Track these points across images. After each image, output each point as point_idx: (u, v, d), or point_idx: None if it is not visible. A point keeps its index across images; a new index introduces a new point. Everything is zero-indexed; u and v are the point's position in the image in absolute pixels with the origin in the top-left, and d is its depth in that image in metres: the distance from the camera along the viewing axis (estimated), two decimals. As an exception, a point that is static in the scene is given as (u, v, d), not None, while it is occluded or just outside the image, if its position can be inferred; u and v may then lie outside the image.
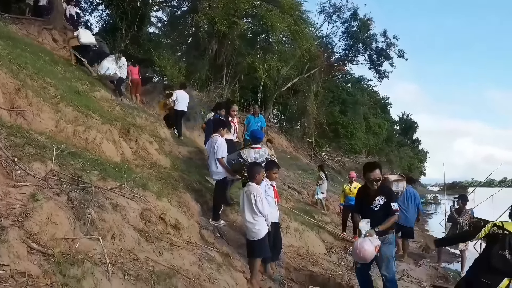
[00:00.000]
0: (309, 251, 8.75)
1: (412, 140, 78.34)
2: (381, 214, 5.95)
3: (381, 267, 5.99)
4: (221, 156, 7.53)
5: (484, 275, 4.90)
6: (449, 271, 10.36)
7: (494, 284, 4.80)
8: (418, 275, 9.45)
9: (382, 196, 5.97)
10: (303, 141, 34.88)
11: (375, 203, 5.97)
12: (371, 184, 5.97)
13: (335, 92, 40.29)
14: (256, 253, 6.00)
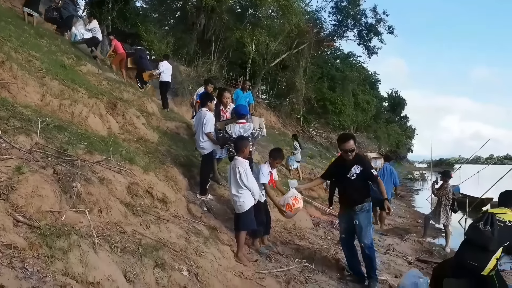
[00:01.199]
0: (296, 226, 8.82)
1: (400, 117, 78.67)
2: (358, 182, 6.13)
3: (360, 235, 6.13)
4: (210, 130, 7.52)
5: (471, 258, 4.93)
6: (433, 245, 10.52)
7: (481, 265, 4.81)
8: (404, 249, 9.59)
9: (358, 165, 6.14)
10: (291, 117, 34.88)
11: (351, 172, 6.12)
12: (346, 154, 6.13)
13: (324, 68, 40.23)
14: (241, 226, 6.06)
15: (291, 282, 5.54)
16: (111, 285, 3.49)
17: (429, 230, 11.73)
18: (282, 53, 31.60)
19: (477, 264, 4.79)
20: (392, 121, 69.30)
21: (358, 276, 6.41)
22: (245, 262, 5.89)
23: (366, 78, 51.04)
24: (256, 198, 6.19)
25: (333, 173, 6.67)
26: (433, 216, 10.96)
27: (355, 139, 6.33)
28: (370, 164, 6.44)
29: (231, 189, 6.13)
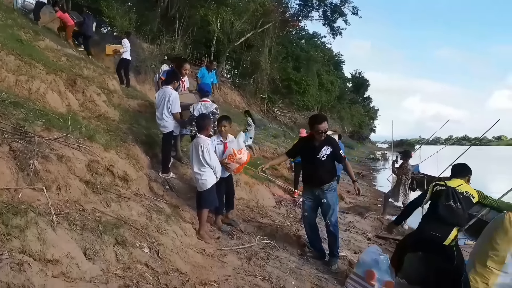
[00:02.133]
0: (259, 204, 8.90)
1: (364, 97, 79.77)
2: (327, 163, 6.24)
3: (327, 213, 6.24)
4: (178, 111, 7.46)
5: (433, 229, 5.09)
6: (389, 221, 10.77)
7: (443, 236, 4.99)
8: (364, 227, 9.80)
9: (328, 146, 6.24)
10: (256, 96, 34.87)
11: (322, 153, 6.20)
12: (319, 135, 6.18)
13: (289, 48, 40.23)
14: (203, 203, 6.07)
15: (253, 258, 5.59)
16: (70, 262, 3.47)
17: (388, 208, 11.99)
18: (247, 32, 31.42)
19: (440, 234, 4.98)
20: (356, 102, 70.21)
21: (319, 252, 6.54)
22: (207, 240, 5.92)
23: (331, 58, 51.39)
24: (218, 176, 6.21)
25: (301, 153, 6.72)
26: (392, 195, 11.20)
27: (328, 120, 6.43)
28: (337, 143, 6.54)
29: (193, 167, 6.11)
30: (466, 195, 5.03)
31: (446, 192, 5.05)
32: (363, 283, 5.37)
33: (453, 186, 5.11)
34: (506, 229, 5.12)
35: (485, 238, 5.39)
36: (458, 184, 5.14)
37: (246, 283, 4.64)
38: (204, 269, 4.89)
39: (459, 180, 5.23)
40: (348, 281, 5.50)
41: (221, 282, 4.50)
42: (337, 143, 6.58)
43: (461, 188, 5.09)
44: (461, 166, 5.50)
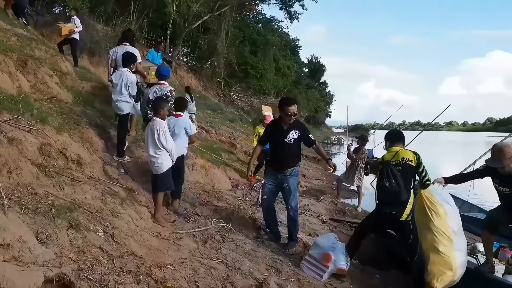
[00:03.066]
0: (215, 187, 8.92)
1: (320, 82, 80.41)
2: (294, 147, 6.28)
3: (288, 198, 6.31)
4: (135, 92, 7.37)
5: (389, 208, 5.28)
6: (346, 205, 11.02)
7: (399, 213, 5.22)
8: (318, 210, 9.98)
9: (296, 130, 6.26)
10: (212, 80, 34.65)
11: (289, 137, 6.22)
12: (288, 118, 6.18)
13: (246, 32, 40.08)
14: (159, 187, 6.05)
15: (208, 241, 5.63)
16: (22, 246, 3.41)
17: (342, 191, 12.24)
18: (204, 15, 31.02)
19: (396, 212, 5.18)
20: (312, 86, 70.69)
21: (275, 235, 6.63)
22: (163, 223, 5.91)
23: (287, 43, 51.55)
24: (174, 159, 6.19)
25: (269, 136, 6.64)
26: (346, 178, 11.40)
27: (298, 104, 6.45)
28: (306, 127, 6.58)
29: (148, 150, 6.06)
30: (403, 162, 5.26)
31: (382, 171, 5.25)
32: (318, 264, 5.50)
33: (388, 159, 5.29)
34: (423, 206, 5.24)
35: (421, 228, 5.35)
36: (395, 153, 5.35)
37: (201, 266, 4.67)
38: (160, 252, 4.89)
39: (397, 147, 5.44)
40: (303, 263, 5.62)
41: (177, 265, 4.51)
42: (306, 127, 6.61)
43: (397, 157, 5.32)
44: (397, 134, 5.73)
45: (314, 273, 5.46)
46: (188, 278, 4.26)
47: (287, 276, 5.17)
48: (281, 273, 5.23)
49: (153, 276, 4.03)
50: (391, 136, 5.78)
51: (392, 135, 5.81)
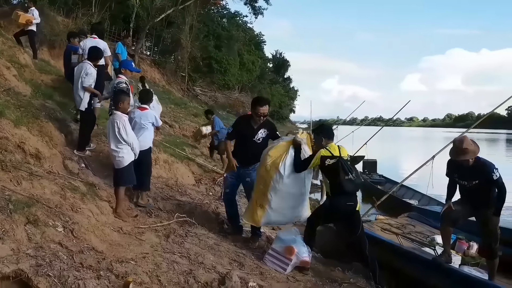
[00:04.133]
0: (178, 182, 8.86)
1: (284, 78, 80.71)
2: (261, 145, 6.28)
3: (251, 192, 6.29)
4: (89, 84, 7.23)
5: (347, 200, 5.40)
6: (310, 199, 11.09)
7: (355, 203, 5.38)
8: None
9: (265, 130, 6.30)
10: (176, 74, 34.27)
11: (258, 135, 6.27)
12: (258, 118, 6.21)
13: (210, 26, 39.76)
14: (120, 181, 5.99)
15: (171, 235, 5.59)
16: (-24, 242, 3.32)
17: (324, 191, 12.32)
18: (167, 8, 30.61)
19: (353, 203, 5.36)
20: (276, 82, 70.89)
21: (236, 228, 6.66)
22: (124, 218, 5.85)
23: (252, 38, 51.41)
24: (136, 153, 6.12)
25: (238, 132, 6.59)
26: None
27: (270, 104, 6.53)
28: (275, 126, 6.64)
29: (110, 144, 5.98)
30: (349, 158, 5.62)
31: (338, 166, 5.35)
32: (281, 257, 5.53)
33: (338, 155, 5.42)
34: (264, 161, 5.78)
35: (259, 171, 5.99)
36: (337, 148, 5.61)
37: (164, 260, 4.63)
38: (121, 247, 4.84)
39: (333, 144, 5.60)
40: (266, 256, 5.65)
41: (139, 260, 4.46)
42: (274, 125, 6.66)
43: (343, 153, 5.58)
44: (331, 129, 5.90)
45: (277, 266, 5.49)
46: (150, 272, 4.21)
47: (250, 270, 5.18)
48: (244, 266, 5.23)
49: (114, 271, 3.97)
50: (330, 132, 5.86)
51: (330, 131, 5.91)
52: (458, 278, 5.54)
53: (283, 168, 5.66)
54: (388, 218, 8.72)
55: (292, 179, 5.73)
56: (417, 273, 6.00)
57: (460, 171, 5.56)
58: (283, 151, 5.74)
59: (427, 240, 7.01)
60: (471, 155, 5.39)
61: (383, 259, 6.35)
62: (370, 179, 16.20)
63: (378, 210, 9.62)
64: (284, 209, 5.85)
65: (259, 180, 5.83)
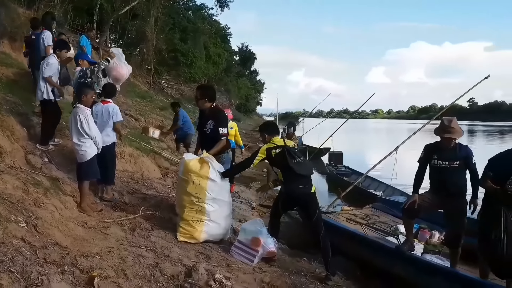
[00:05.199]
0: (144, 176, 8.79)
1: (251, 71, 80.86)
2: (210, 137, 6.27)
3: None
4: (49, 74, 7.09)
5: (301, 183, 5.46)
6: (276, 192, 11.16)
7: (310, 186, 5.45)
8: (248, 196, 10.10)
9: (212, 121, 6.25)
10: (141, 68, 33.83)
11: (207, 126, 6.26)
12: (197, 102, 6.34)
13: (176, 19, 39.42)
14: (83, 175, 5.92)
15: (137, 229, 5.56)
16: None
17: (272, 177, 12.38)
18: (132, 0, 30.23)
19: (307, 185, 5.47)
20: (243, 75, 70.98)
21: None
22: (89, 212, 5.79)
23: (218, 31, 51.21)
24: (99, 147, 6.05)
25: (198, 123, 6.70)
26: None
27: (201, 89, 6.49)
28: (224, 121, 6.49)
29: (72, 138, 5.91)
30: (295, 148, 5.73)
31: (284, 153, 5.46)
32: (248, 249, 5.57)
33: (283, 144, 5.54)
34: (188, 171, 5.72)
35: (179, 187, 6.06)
36: (282, 140, 5.71)
37: (129, 254, 4.61)
38: (86, 241, 4.79)
39: (275, 138, 5.71)
40: (233, 249, 5.68)
41: (104, 254, 4.43)
42: (223, 118, 6.52)
43: (289, 144, 5.68)
44: (272, 126, 6.12)
45: (244, 258, 5.52)
46: (115, 267, 4.19)
47: (217, 262, 5.20)
48: (210, 259, 5.25)
49: (79, 266, 3.94)
50: (271, 128, 6.01)
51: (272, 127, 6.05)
52: (420, 266, 5.69)
53: (214, 174, 5.72)
54: (354, 208, 8.87)
55: (222, 186, 5.85)
56: (381, 262, 6.13)
57: (441, 152, 5.60)
58: (202, 162, 5.77)
59: (391, 229, 7.16)
60: (457, 135, 5.53)
61: (349, 249, 6.50)
62: (336, 170, 16.41)
63: (344, 201, 9.75)
64: (221, 219, 5.89)
65: (190, 198, 5.68)
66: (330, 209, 8.48)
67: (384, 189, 12.68)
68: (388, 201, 9.22)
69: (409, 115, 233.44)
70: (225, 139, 6.35)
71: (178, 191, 6.17)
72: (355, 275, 6.08)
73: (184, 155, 6.20)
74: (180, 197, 5.91)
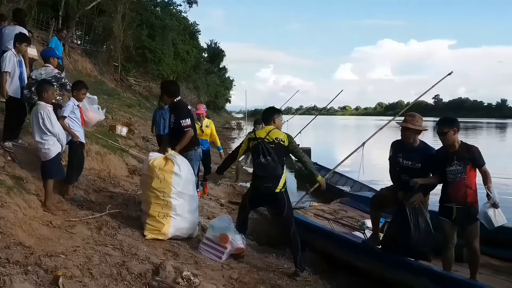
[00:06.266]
0: (111, 174, 8.68)
1: (219, 68, 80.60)
2: (175, 132, 6.30)
3: None
4: (7, 70, 6.91)
5: (264, 182, 5.47)
6: (245, 188, 11.18)
7: (274, 186, 5.43)
8: (217, 193, 10.09)
9: (173, 114, 6.29)
10: (109, 64, 33.36)
11: (170, 121, 6.30)
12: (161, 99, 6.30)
13: (144, 15, 38.98)
14: (48, 174, 5.81)
15: (103, 228, 5.48)
16: None
17: (241, 175, 12.43)
18: (98, -4, 29.76)
19: (271, 185, 5.39)
20: (211, 72, 70.74)
21: None
22: (54, 211, 5.69)
23: (186, 28, 50.88)
24: (63, 144, 5.95)
25: None
26: (245, 162, 11.59)
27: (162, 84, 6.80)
28: (186, 113, 6.43)
29: (34, 136, 5.80)
30: (276, 141, 5.49)
31: (257, 148, 5.45)
32: (216, 246, 5.57)
33: (262, 137, 5.50)
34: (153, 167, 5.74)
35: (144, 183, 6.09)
36: (268, 131, 5.56)
37: (96, 253, 4.55)
38: (51, 241, 4.71)
39: (268, 126, 5.67)
40: (201, 246, 5.68)
41: (69, 253, 4.36)
42: (183, 109, 6.46)
43: (270, 136, 5.52)
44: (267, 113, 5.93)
45: (212, 255, 5.53)
46: (81, 266, 4.13)
47: (185, 259, 5.20)
48: (178, 256, 5.24)
49: (43, 265, 3.87)
50: (263, 115, 5.96)
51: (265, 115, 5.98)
52: (385, 259, 5.77)
53: (178, 169, 5.74)
54: (322, 204, 8.96)
55: (186, 180, 5.87)
56: (348, 256, 6.21)
57: (406, 152, 5.60)
58: (166, 159, 5.82)
59: (357, 224, 7.25)
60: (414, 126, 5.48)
61: (316, 244, 6.56)
62: (304, 167, 16.49)
63: (312, 197, 9.83)
64: (187, 213, 5.90)
65: (155, 194, 5.69)
66: (299, 205, 8.56)
67: (352, 184, 12.82)
68: (355, 196, 9.33)
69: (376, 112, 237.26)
70: (190, 130, 6.30)
71: (143, 188, 6.17)
72: (323, 270, 6.16)
73: (150, 153, 6.24)
74: (145, 194, 5.91)
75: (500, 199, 5.06)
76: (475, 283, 5.04)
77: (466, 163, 5.16)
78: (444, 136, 5.27)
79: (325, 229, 6.91)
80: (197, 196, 6.26)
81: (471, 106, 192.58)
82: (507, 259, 6.15)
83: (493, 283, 5.22)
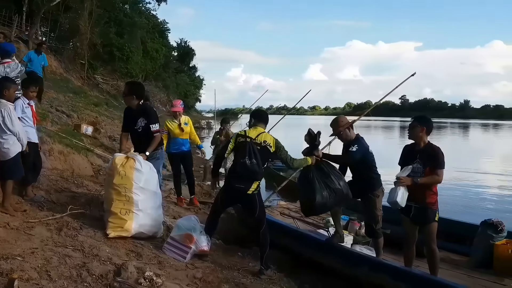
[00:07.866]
0: (74, 174, 8.50)
1: (189, 67, 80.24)
2: (143, 136, 6.17)
3: None
4: None
5: (237, 182, 5.43)
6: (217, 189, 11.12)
7: (246, 187, 5.38)
8: (185, 193, 9.98)
9: (143, 118, 6.15)
10: (75, 62, 32.87)
11: (138, 124, 6.15)
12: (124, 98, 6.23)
13: (112, 12, 38.56)
14: (6, 174, 5.64)
15: (64, 229, 5.34)
16: None
17: (209, 174, 12.33)
18: (64, -9, 29.25)
19: (243, 186, 5.38)
20: (181, 70, 70.41)
21: None
22: (12, 212, 5.51)
23: (156, 26, 50.60)
24: (24, 143, 5.79)
25: (125, 122, 6.53)
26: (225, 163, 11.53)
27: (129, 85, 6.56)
28: (155, 116, 6.35)
29: (-7, 134, 5.63)
30: (264, 145, 5.49)
31: (244, 147, 5.41)
32: (180, 246, 5.52)
33: (252, 137, 5.48)
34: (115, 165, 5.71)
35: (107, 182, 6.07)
36: (259, 133, 5.54)
37: (55, 254, 4.43)
38: (7, 243, 4.56)
39: (260, 128, 5.65)
40: (165, 245, 5.61)
41: (26, 255, 4.23)
42: (154, 114, 6.40)
43: (259, 138, 5.50)
44: (261, 113, 5.94)
45: (177, 255, 5.47)
46: (38, 268, 4.01)
47: (148, 260, 5.11)
48: (141, 256, 5.15)
49: (-2, 268, 3.75)
50: (257, 115, 5.94)
51: (257, 114, 5.97)
52: (348, 256, 5.83)
53: (139, 165, 5.70)
54: (289, 203, 8.98)
55: (149, 176, 5.81)
56: (312, 254, 6.24)
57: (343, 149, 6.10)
58: (128, 157, 5.78)
59: (322, 222, 7.29)
60: (336, 125, 6.20)
61: (281, 243, 6.57)
62: (272, 165, 16.51)
63: (280, 196, 9.84)
64: (150, 209, 5.82)
65: (117, 190, 5.63)
66: (266, 203, 8.53)
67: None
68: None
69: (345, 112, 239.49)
70: (159, 135, 6.28)
71: (105, 186, 6.13)
72: (288, 268, 6.16)
73: (114, 154, 6.21)
74: (107, 191, 5.87)
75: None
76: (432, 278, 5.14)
77: (426, 164, 5.26)
78: (411, 130, 5.48)
79: (290, 227, 6.92)
80: (160, 194, 6.18)
81: (436, 106, 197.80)
82: (465, 253, 6.32)
83: (453, 277, 5.34)
